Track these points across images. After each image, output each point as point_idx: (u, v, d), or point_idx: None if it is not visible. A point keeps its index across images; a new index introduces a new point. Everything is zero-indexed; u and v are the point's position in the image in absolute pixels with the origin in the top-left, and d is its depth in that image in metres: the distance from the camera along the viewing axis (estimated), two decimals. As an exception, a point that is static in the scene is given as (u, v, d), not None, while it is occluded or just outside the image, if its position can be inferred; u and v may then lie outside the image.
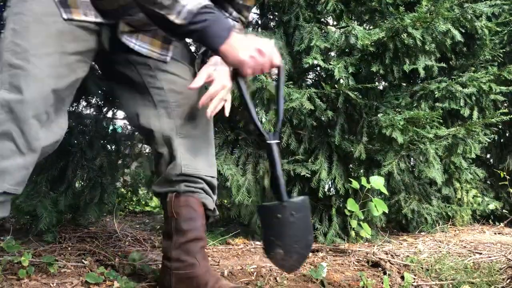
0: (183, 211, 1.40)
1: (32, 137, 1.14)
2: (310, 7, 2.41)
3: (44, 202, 2.07)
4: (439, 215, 2.80)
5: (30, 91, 1.13)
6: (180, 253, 1.39)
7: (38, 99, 1.14)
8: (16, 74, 1.13)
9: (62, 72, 1.19)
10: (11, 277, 1.49)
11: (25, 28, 1.17)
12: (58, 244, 2.02)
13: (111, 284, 1.48)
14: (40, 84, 1.15)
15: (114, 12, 1.26)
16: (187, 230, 1.39)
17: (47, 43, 1.18)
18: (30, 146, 1.14)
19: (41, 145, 1.16)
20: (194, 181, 1.41)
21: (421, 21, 2.17)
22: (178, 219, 1.40)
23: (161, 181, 1.45)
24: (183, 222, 1.39)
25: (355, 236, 2.30)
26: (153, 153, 1.50)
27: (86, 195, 2.21)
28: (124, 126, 2.66)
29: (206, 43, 1.14)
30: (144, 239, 2.24)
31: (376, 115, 2.33)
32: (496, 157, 3.36)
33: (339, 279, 1.65)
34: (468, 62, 2.75)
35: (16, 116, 1.12)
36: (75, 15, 1.21)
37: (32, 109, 1.13)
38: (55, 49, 1.18)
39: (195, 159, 1.41)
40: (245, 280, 1.62)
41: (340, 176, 2.36)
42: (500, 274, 1.72)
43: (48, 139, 1.19)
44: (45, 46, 1.17)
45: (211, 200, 1.47)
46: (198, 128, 1.43)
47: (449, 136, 2.42)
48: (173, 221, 1.41)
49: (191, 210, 1.40)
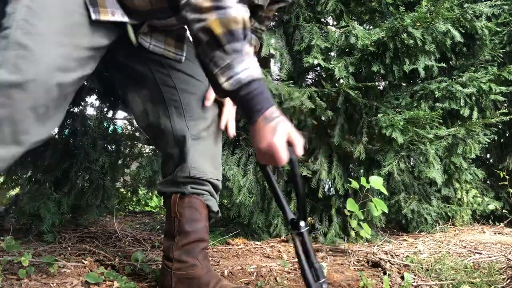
0: (186, 212, 1.39)
1: (22, 129, 1.05)
2: (310, 7, 2.42)
3: (47, 204, 2.08)
4: (439, 215, 2.79)
5: (33, 78, 1.03)
6: (182, 254, 1.38)
7: (40, 90, 1.05)
8: (24, 56, 1.04)
9: (72, 66, 1.11)
10: (11, 277, 1.49)
11: (44, 9, 1.09)
12: (58, 244, 2.02)
13: (111, 284, 1.48)
14: (46, 74, 1.06)
15: (145, 13, 1.24)
16: (190, 231, 1.39)
17: (65, 32, 1.10)
18: (16, 139, 1.05)
19: (30, 141, 1.08)
20: (200, 183, 1.40)
21: (421, 21, 2.17)
22: (182, 220, 1.39)
23: (168, 181, 1.44)
24: (186, 223, 1.39)
25: (355, 236, 2.30)
26: (162, 153, 1.49)
27: (89, 196, 2.21)
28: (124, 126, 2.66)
29: (244, 113, 1.07)
30: (144, 239, 2.24)
31: (376, 115, 2.33)
32: (496, 157, 3.36)
33: (339, 279, 1.65)
34: (468, 62, 2.75)
35: (12, 102, 1.02)
36: (103, 15, 1.17)
37: (31, 99, 1.04)
38: (70, 40, 1.11)
39: (203, 162, 1.40)
40: (245, 280, 1.62)
41: (340, 176, 2.36)
42: (500, 274, 1.72)
43: (40, 135, 1.10)
44: (62, 34, 1.09)
45: (215, 202, 1.46)
46: (209, 130, 1.42)
47: (449, 136, 2.42)
48: (176, 221, 1.40)
49: (195, 212, 1.40)
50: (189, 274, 1.37)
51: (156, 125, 1.42)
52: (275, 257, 2.01)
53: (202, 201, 1.41)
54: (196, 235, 1.39)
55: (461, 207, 2.92)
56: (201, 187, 1.40)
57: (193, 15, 1.05)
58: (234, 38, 1.03)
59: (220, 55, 1.03)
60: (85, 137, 2.22)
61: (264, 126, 1.02)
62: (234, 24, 1.03)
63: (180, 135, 1.39)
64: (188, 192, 1.39)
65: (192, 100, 1.40)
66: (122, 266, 1.68)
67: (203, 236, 1.41)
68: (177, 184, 1.41)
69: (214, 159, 1.44)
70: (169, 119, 1.40)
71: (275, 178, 1.13)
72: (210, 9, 1.03)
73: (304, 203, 1.10)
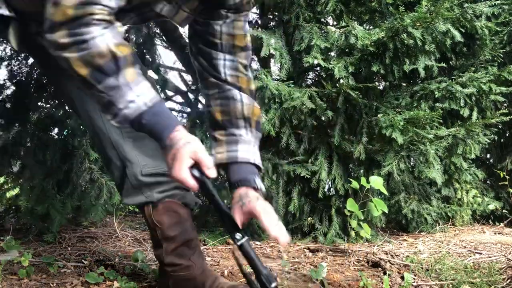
0: (165, 219, 1.33)
1: None
2: (310, 7, 2.41)
3: (55, 205, 2.08)
4: (439, 215, 2.79)
5: None
6: (174, 259, 1.35)
7: None
8: None
9: None
10: (11, 277, 1.49)
11: None
12: (58, 244, 2.02)
13: (111, 284, 1.48)
14: None
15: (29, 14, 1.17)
16: (175, 235, 1.34)
17: None
18: None
19: None
20: (163, 182, 1.32)
21: (421, 21, 2.17)
22: (163, 227, 1.33)
23: (128, 190, 1.33)
24: (168, 229, 1.33)
25: (355, 236, 2.30)
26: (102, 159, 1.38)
27: (92, 196, 2.21)
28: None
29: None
30: (144, 239, 2.24)
31: (376, 115, 2.33)
32: (496, 157, 3.36)
33: (339, 279, 1.65)
34: (468, 62, 2.74)
35: None
36: None
37: None
38: None
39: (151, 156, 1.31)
40: (245, 280, 1.61)
41: (340, 177, 2.36)
42: (500, 274, 1.72)
43: None
44: None
45: (190, 193, 1.38)
46: None
47: (449, 137, 2.42)
48: (158, 230, 1.34)
49: (174, 215, 1.34)
50: (184, 276, 1.35)
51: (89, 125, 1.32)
52: (275, 257, 2.01)
53: (177, 202, 1.35)
54: (182, 237, 1.35)
55: (461, 207, 2.92)
56: (167, 186, 1.32)
57: (54, 51, 0.96)
58: (104, 75, 0.94)
59: (97, 94, 0.96)
60: (84, 137, 2.22)
61: (167, 155, 0.99)
62: (100, 58, 0.93)
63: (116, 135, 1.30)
64: (157, 198, 1.32)
65: None
66: (122, 266, 1.68)
67: (190, 236, 1.36)
68: (139, 189, 1.31)
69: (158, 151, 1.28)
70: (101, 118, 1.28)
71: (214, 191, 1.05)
72: (69, 46, 0.93)
73: (231, 217, 1.07)
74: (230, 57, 1.27)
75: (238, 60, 1.28)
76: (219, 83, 1.28)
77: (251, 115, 1.27)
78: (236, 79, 1.28)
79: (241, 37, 1.27)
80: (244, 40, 1.28)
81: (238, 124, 1.27)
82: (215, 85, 1.28)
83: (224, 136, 1.27)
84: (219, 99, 1.28)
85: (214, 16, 1.23)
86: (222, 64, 1.27)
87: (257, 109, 1.30)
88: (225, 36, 1.25)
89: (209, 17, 1.24)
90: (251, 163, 1.23)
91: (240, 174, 1.20)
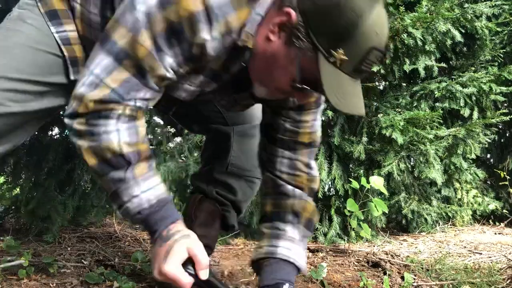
0: (202, 216, 1.38)
1: None
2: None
3: (57, 207, 2.09)
4: (439, 216, 2.79)
5: None
6: None
7: None
8: None
9: None
10: (11, 277, 1.49)
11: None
12: (58, 244, 2.02)
13: (111, 284, 1.48)
14: None
15: None
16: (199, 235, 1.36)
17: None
18: None
19: None
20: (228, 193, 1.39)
21: (421, 21, 2.17)
22: (195, 222, 1.38)
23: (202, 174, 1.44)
24: (197, 227, 1.36)
25: (355, 236, 2.30)
26: (206, 136, 1.49)
27: (93, 197, 2.21)
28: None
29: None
30: (144, 239, 2.24)
31: (376, 115, 2.33)
32: (496, 157, 3.36)
33: (339, 279, 1.65)
34: (468, 62, 2.74)
35: None
36: None
37: None
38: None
39: (245, 159, 1.39)
40: (245, 280, 1.61)
41: (340, 177, 2.36)
42: (500, 274, 1.72)
43: None
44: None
45: (235, 216, 1.43)
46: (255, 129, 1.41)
47: (449, 137, 2.42)
48: (189, 222, 1.37)
49: (209, 218, 1.38)
50: None
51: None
52: (275, 257, 2.01)
53: (219, 210, 1.39)
54: (204, 240, 1.36)
55: (461, 207, 2.92)
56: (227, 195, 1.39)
57: (70, 136, 1.00)
58: (111, 168, 0.96)
59: (104, 182, 0.99)
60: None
61: (159, 248, 0.97)
62: (109, 152, 0.95)
63: (226, 130, 1.39)
64: (211, 196, 1.37)
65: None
66: (122, 266, 1.67)
67: (211, 244, 1.40)
68: (207, 181, 1.39)
69: (254, 158, 1.40)
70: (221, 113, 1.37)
71: None
72: (83, 134, 0.96)
73: None
74: (290, 154, 1.21)
75: (299, 158, 1.22)
76: (273, 178, 1.24)
77: (301, 210, 1.22)
78: (292, 177, 1.23)
79: (305, 134, 1.21)
80: (309, 137, 1.21)
81: (286, 218, 1.22)
82: (270, 180, 1.26)
83: (269, 229, 1.23)
84: (272, 194, 1.25)
85: (277, 113, 1.20)
86: (279, 161, 1.22)
87: (311, 206, 1.24)
88: (288, 132, 1.20)
89: (272, 113, 1.22)
90: (289, 262, 1.17)
91: (273, 274, 1.15)
